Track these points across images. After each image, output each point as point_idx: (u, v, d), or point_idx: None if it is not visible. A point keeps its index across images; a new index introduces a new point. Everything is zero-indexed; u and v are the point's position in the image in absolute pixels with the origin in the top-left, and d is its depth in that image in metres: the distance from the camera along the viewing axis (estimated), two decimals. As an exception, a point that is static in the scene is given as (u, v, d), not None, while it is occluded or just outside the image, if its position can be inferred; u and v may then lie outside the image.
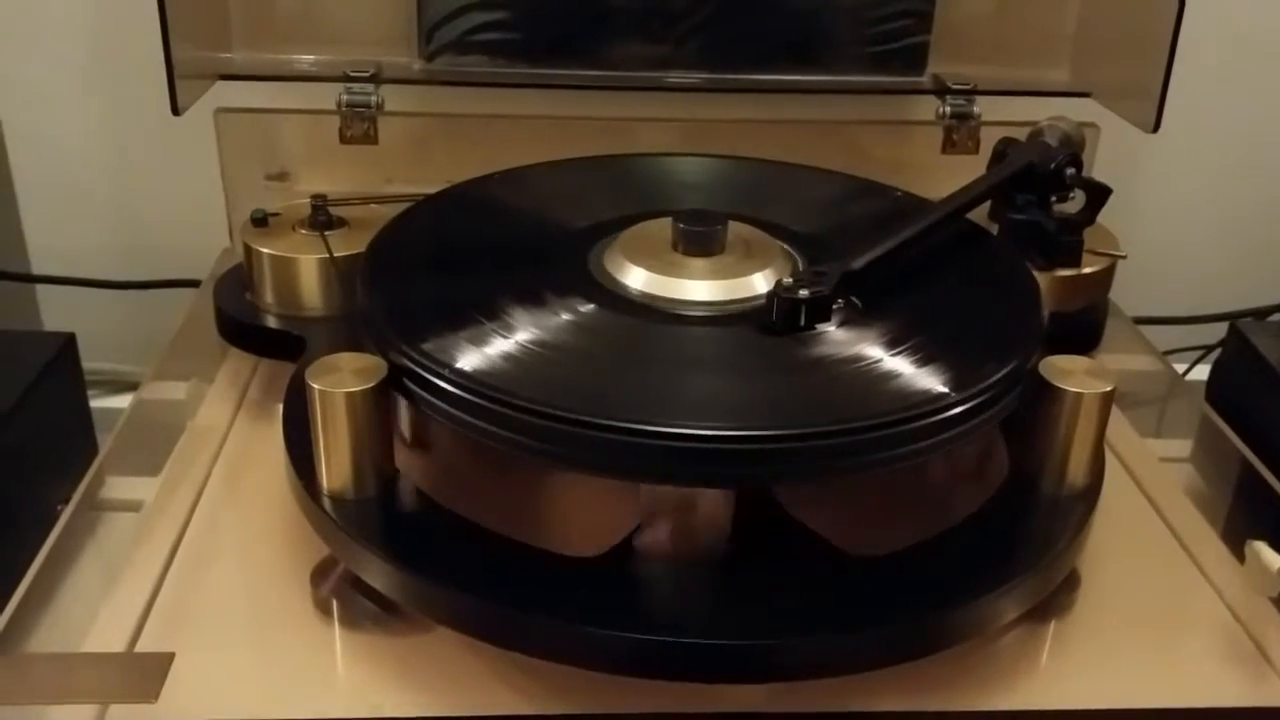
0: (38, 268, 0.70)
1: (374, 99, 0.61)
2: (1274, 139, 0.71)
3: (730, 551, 0.39)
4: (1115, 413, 0.51)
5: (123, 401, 0.57)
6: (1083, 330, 0.55)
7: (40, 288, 0.71)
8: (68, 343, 0.55)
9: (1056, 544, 0.39)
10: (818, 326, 0.41)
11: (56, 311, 0.71)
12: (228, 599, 0.41)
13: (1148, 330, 0.63)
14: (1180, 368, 0.67)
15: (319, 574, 0.42)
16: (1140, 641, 0.41)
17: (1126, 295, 0.62)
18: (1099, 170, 0.62)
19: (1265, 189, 0.70)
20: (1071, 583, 0.42)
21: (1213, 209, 0.72)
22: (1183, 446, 0.54)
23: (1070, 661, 0.40)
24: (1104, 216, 0.56)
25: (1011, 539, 0.40)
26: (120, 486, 0.48)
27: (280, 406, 0.45)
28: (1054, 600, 0.41)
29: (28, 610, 0.40)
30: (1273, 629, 0.41)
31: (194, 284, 0.63)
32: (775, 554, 0.39)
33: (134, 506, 0.47)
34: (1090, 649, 0.40)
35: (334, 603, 0.41)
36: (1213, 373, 0.60)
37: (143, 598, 0.41)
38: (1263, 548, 0.41)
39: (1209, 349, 0.62)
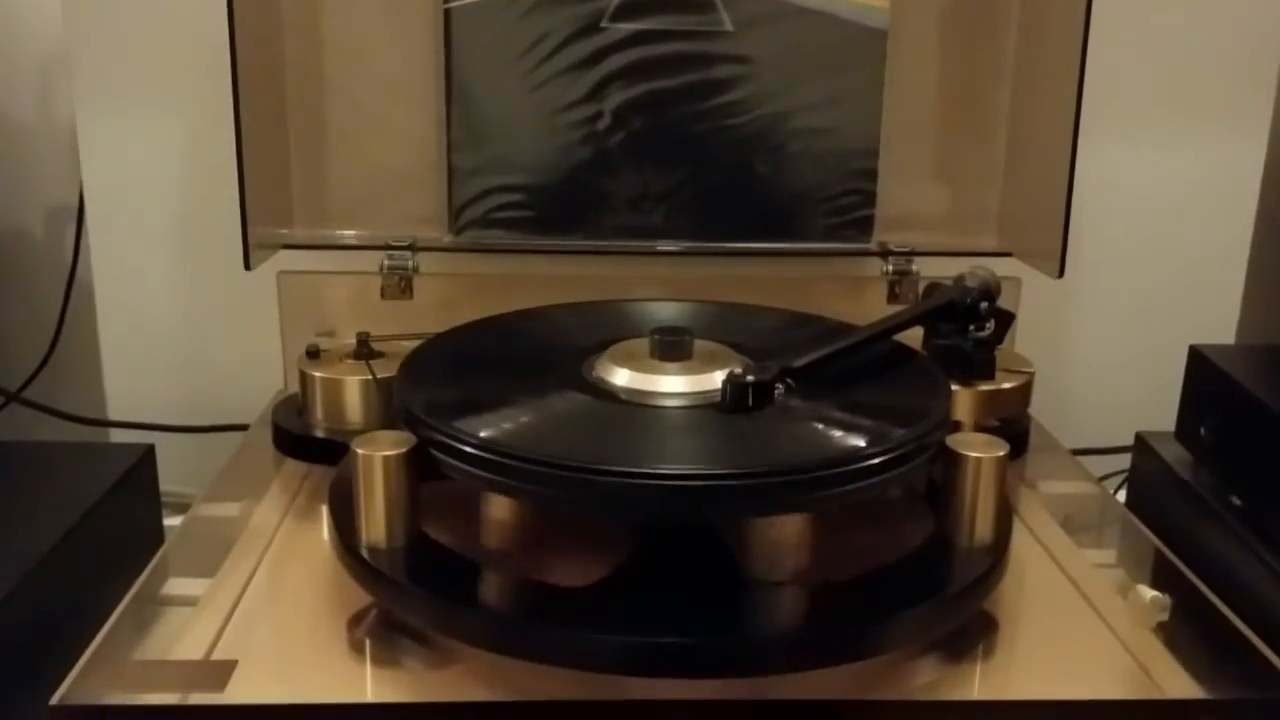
0: (113, 412, 0.81)
1: (410, 263, 0.73)
2: (1168, 283, 0.83)
3: (701, 582, 0.47)
4: (1055, 528, 0.59)
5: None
6: (1006, 440, 0.64)
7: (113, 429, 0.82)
8: (148, 452, 0.65)
9: (961, 582, 0.48)
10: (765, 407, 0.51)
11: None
12: (278, 636, 0.50)
13: (1085, 460, 0.72)
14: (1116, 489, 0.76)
15: (355, 621, 0.50)
16: (1049, 667, 0.48)
17: (1065, 430, 0.71)
18: (1024, 317, 0.73)
19: (1165, 326, 0.81)
20: (990, 629, 0.50)
21: (1125, 346, 0.83)
22: (1112, 555, 0.62)
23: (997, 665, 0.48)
24: (1033, 354, 0.67)
25: (928, 577, 0.49)
26: (182, 586, 0.55)
27: (324, 507, 0.54)
28: (977, 640, 0.49)
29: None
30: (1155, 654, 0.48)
31: (244, 428, 0.73)
32: (739, 585, 0.47)
33: (192, 601, 0.53)
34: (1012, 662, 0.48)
35: (367, 642, 0.49)
36: (1130, 480, 0.68)
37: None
38: (1142, 587, 0.49)
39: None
